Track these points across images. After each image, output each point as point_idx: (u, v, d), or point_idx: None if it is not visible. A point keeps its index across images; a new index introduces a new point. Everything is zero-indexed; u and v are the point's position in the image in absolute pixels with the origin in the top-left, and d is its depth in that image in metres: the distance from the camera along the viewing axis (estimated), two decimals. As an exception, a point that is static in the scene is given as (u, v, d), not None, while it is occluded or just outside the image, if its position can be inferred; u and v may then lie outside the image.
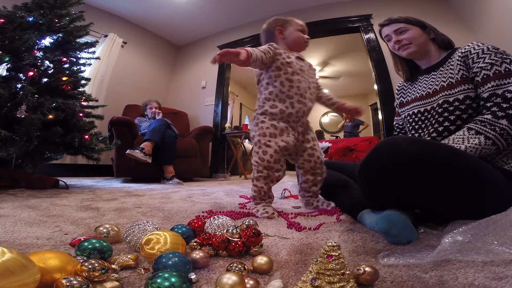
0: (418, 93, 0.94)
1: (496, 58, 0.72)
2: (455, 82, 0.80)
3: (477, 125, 0.71)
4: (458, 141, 0.71)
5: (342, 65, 5.03)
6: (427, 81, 0.92)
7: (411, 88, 1.00)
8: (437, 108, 0.83)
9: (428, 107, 0.88)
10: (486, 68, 0.73)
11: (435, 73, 0.89)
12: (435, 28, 0.93)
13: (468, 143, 0.69)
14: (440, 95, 0.83)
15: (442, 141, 0.74)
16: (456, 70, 0.80)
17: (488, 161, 0.73)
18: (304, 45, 1.07)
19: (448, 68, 0.84)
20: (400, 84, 1.07)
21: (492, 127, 0.69)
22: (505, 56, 0.73)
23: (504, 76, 0.70)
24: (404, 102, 1.01)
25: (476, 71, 0.74)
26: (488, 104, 0.72)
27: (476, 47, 0.77)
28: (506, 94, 0.69)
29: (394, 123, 1.09)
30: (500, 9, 2.02)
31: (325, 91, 1.16)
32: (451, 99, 0.80)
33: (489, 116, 0.70)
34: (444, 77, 0.84)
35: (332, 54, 4.61)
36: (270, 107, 0.96)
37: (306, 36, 1.07)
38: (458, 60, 0.81)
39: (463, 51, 0.80)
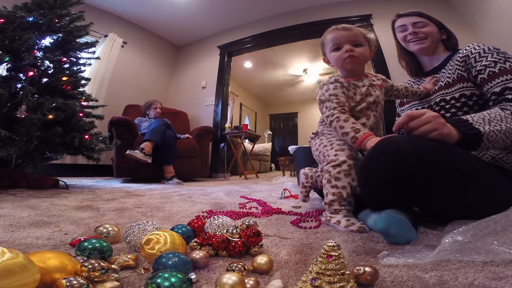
0: None
1: (498, 57, 0.73)
2: (452, 81, 0.82)
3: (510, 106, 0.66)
4: (496, 116, 0.64)
5: (342, 65, 5.04)
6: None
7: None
8: (435, 106, 0.85)
9: (426, 106, 0.90)
10: (490, 65, 0.73)
11: (437, 75, 0.91)
12: (452, 32, 0.93)
13: (508, 124, 0.62)
14: (438, 94, 0.86)
15: (476, 114, 0.66)
16: (453, 70, 0.82)
17: (487, 160, 0.73)
18: (347, 62, 0.82)
19: (448, 69, 0.86)
20: None
21: None
22: (507, 56, 0.74)
23: (510, 72, 0.70)
24: (404, 101, 1.03)
25: (480, 69, 0.75)
26: (504, 97, 0.69)
27: (477, 47, 0.78)
28: None
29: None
30: (500, 9, 2.02)
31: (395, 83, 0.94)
32: (447, 98, 0.82)
33: None
34: (443, 77, 0.86)
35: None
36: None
37: (344, 49, 0.82)
38: (457, 61, 0.82)
39: (463, 52, 0.81)
